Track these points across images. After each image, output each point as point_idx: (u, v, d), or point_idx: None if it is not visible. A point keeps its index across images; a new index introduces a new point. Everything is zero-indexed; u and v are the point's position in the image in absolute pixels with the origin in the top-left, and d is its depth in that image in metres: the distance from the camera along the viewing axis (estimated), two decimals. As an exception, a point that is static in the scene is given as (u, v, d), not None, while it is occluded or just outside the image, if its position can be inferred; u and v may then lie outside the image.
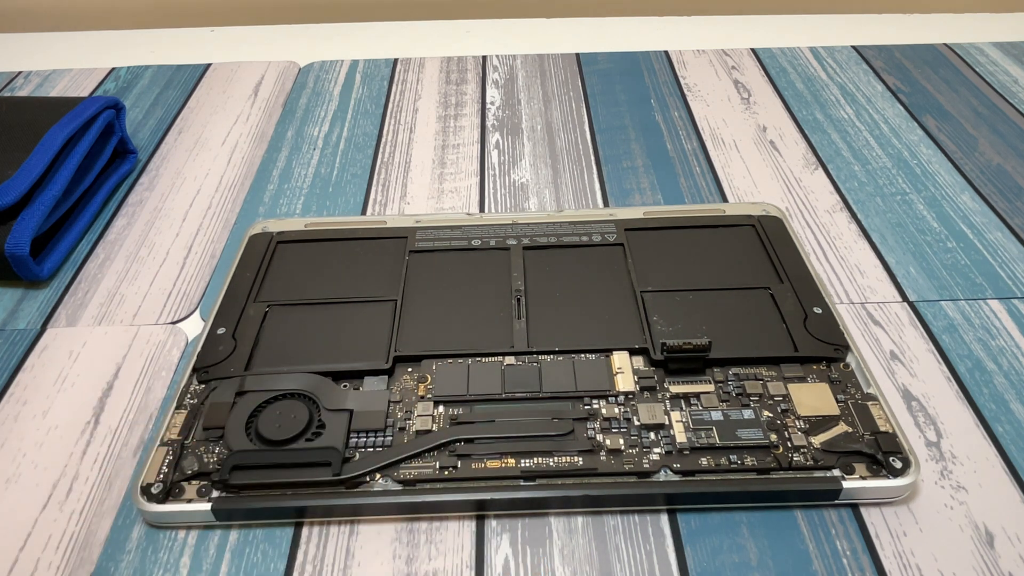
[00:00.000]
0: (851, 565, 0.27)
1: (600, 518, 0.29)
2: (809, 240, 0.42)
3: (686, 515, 0.29)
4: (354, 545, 0.28)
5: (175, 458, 0.30)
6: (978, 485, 0.30)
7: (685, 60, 0.60)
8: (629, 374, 0.33)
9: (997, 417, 0.32)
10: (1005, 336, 0.36)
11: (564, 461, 0.30)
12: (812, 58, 0.60)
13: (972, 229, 0.43)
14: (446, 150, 0.50)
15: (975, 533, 0.28)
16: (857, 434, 0.30)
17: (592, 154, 0.50)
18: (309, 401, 0.31)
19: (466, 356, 0.34)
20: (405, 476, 0.29)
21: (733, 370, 0.33)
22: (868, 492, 0.29)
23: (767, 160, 0.49)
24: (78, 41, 0.66)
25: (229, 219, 0.45)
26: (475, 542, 0.28)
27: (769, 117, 0.53)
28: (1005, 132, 0.51)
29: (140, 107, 0.56)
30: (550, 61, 0.61)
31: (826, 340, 0.34)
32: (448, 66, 0.60)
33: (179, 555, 0.28)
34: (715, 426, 0.30)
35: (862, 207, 0.45)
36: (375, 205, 0.46)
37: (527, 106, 0.55)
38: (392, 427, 0.31)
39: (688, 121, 0.53)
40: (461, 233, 0.41)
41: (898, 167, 0.48)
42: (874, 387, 0.32)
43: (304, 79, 0.59)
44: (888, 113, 0.53)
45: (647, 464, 0.29)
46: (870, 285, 0.39)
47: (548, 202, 0.46)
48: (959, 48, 0.61)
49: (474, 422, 0.31)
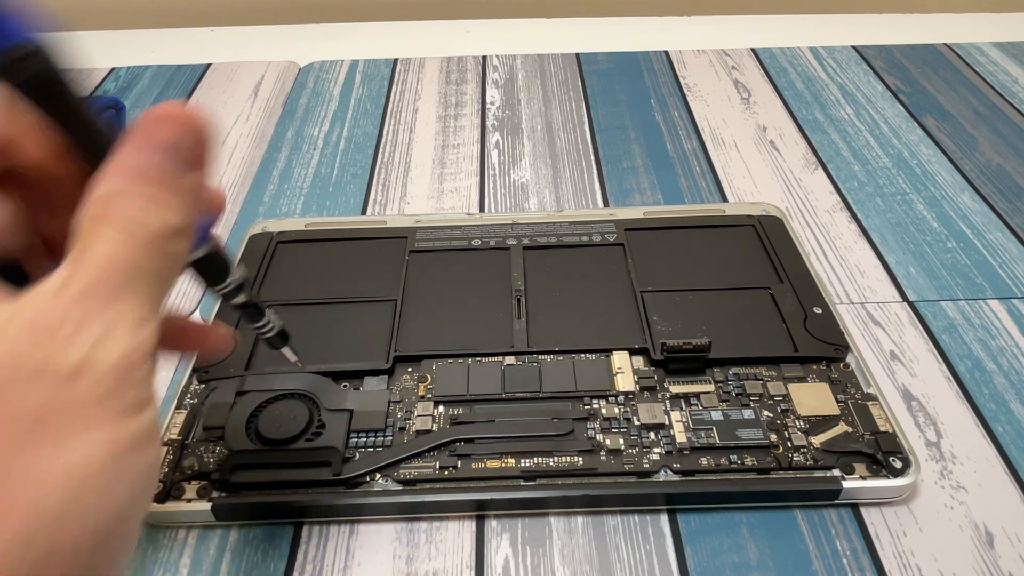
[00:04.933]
0: (851, 565, 0.27)
1: (600, 518, 0.29)
2: (809, 240, 0.42)
3: (686, 515, 0.29)
4: (354, 545, 0.28)
5: (175, 458, 0.30)
6: (978, 485, 0.30)
7: (685, 60, 0.60)
8: (629, 374, 0.33)
9: (997, 417, 0.32)
10: (1005, 336, 0.36)
11: (564, 461, 0.30)
12: (812, 58, 0.60)
13: (972, 229, 0.43)
14: (446, 150, 0.50)
15: (975, 533, 0.28)
16: (857, 434, 0.30)
17: (592, 154, 0.50)
18: (309, 401, 0.31)
19: (466, 356, 0.34)
20: (405, 476, 0.29)
21: (733, 370, 0.33)
22: (868, 492, 0.29)
23: (767, 160, 0.49)
24: (78, 41, 0.66)
25: (229, 219, 0.45)
26: (475, 542, 0.28)
27: (769, 117, 0.53)
28: (1005, 132, 0.51)
29: (140, 107, 0.56)
30: (550, 61, 0.61)
31: (826, 340, 0.34)
32: (448, 66, 0.60)
33: (179, 555, 0.28)
34: (715, 426, 0.30)
35: (862, 207, 0.45)
36: (375, 205, 0.46)
37: (527, 106, 0.55)
38: (392, 427, 0.31)
39: (688, 121, 0.53)
40: (461, 233, 0.41)
41: (898, 167, 0.48)
42: (874, 387, 0.32)
43: (304, 79, 0.59)
44: (888, 113, 0.53)
45: (647, 464, 0.29)
46: (870, 285, 0.39)
47: (548, 202, 0.46)
48: (959, 48, 0.61)
49: (474, 422, 0.31)
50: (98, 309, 0.16)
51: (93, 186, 0.17)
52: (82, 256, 0.16)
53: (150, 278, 0.17)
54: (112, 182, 0.17)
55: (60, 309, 0.15)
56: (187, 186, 0.17)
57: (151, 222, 0.17)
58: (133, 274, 0.16)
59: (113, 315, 0.16)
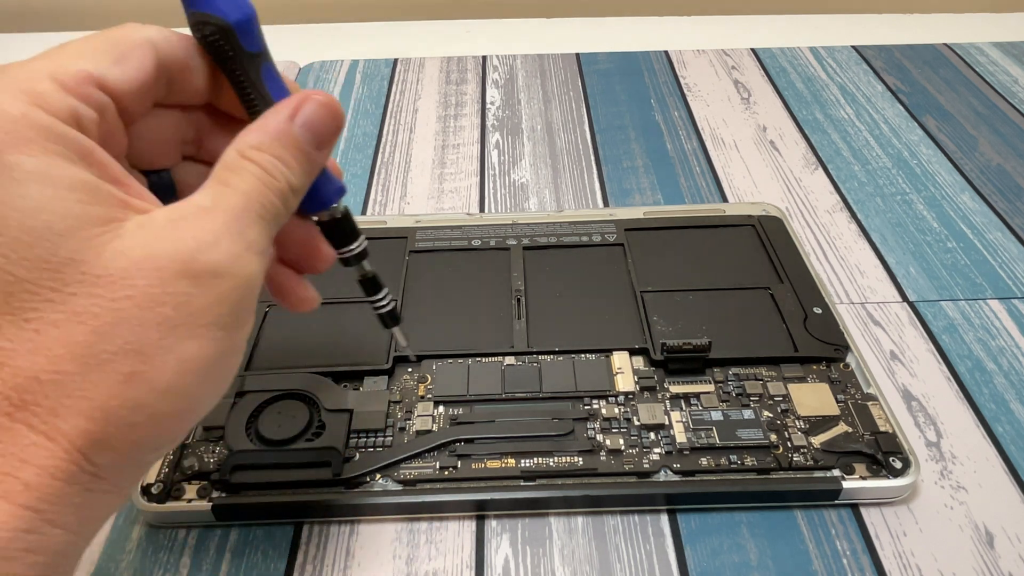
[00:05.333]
0: (851, 565, 0.27)
1: (600, 518, 0.29)
2: (809, 240, 0.42)
3: (686, 515, 0.29)
4: (354, 545, 0.28)
5: (175, 458, 0.30)
6: (978, 485, 0.30)
7: (685, 60, 0.60)
8: (629, 374, 0.33)
9: (997, 417, 0.32)
10: (1005, 336, 0.36)
11: (564, 461, 0.30)
12: (812, 58, 0.60)
13: (972, 229, 0.43)
14: (446, 150, 0.50)
15: (975, 533, 0.28)
16: (857, 434, 0.30)
17: (592, 154, 0.50)
18: (309, 401, 0.31)
19: (466, 356, 0.34)
20: (405, 476, 0.29)
21: (733, 370, 0.33)
22: (868, 492, 0.29)
23: (767, 160, 0.49)
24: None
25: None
26: (475, 542, 0.28)
27: (769, 117, 0.53)
28: (1005, 132, 0.51)
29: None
30: (550, 61, 0.61)
31: (826, 340, 0.34)
32: (448, 66, 0.60)
33: (179, 555, 0.28)
34: (715, 426, 0.30)
35: (862, 207, 0.45)
36: (375, 205, 0.46)
37: (527, 106, 0.55)
38: (392, 427, 0.31)
39: (688, 121, 0.53)
40: (461, 233, 0.41)
41: (898, 167, 0.48)
42: (874, 387, 0.32)
43: (304, 79, 0.59)
44: (888, 113, 0.53)
45: (647, 464, 0.29)
46: (870, 285, 0.39)
47: (548, 202, 0.46)
48: (959, 48, 0.61)
49: (474, 422, 0.31)
50: (239, 230, 0.19)
51: (244, 133, 0.20)
52: (227, 184, 0.19)
53: (272, 219, 0.20)
54: (260, 137, 0.20)
55: (211, 223, 0.19)
56: (313, 159, 0.21)
57: (280, 177, 0.20)
58: (263, 212, 0.20)
59: (250, 239, 0.19)
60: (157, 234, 0.18)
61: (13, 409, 0.16)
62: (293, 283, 0.24)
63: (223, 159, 0.20)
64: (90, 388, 0.17)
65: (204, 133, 0.24)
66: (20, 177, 0.17)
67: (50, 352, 0.17)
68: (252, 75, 0.21)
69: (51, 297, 0.17)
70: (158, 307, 0.17)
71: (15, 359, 0.16)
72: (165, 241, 0.18)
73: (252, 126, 0.21)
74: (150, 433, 0.18)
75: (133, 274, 0.17)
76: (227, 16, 0.20)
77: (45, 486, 0.16)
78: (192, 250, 0.18)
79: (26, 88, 0.17)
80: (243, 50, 0.21)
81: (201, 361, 0.18)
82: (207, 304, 0.18)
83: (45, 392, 0.17)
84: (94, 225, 0.17)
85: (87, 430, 0.17)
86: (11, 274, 0.16)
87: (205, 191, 0.19)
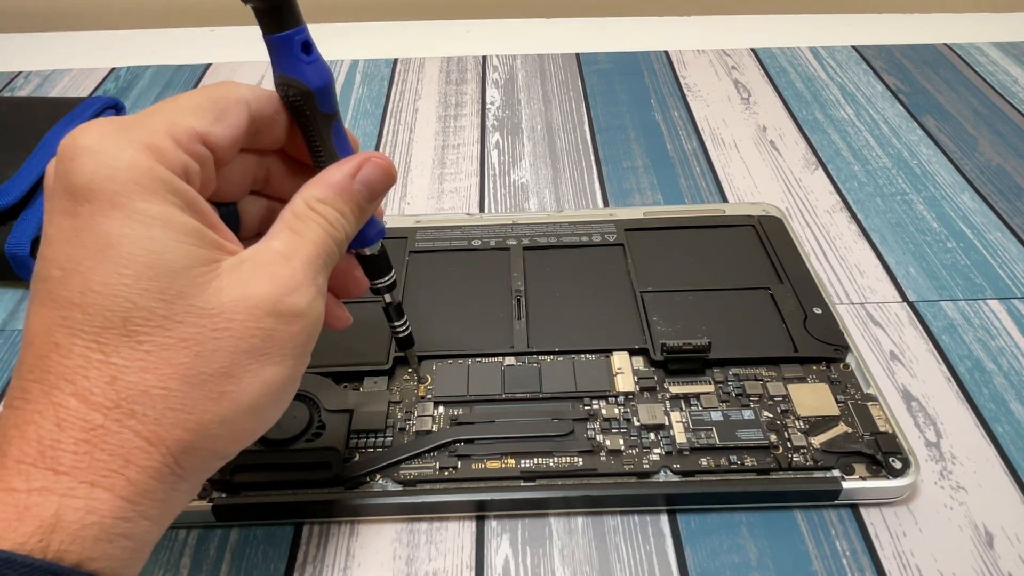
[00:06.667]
0: (851, 565, 0.27)
1: (600, 518, 0.29)
2: (809, 240, 0.42)
3: (686, 515, 0.29)
4: (354, 545, 0.28)
5: (175, 458, 0.30)
6: (978, 485, 0.30)
7: (685, 60, 0.60)
8: (629, 374, 0.33)
9: (997, 417, 0.32)
10: (1005, 336, 0.36)
11: (564, 461, 0.30)
12: (812, 58, 0.60)
13: (972, 229, 0.43)
14: (446, 150, 0.50)
15: (975, 533, 0.28)
16: (857, 434, 0.30)
17: (592, 154, 0.50)
18: (309, 401, 0.31)
19: (466, 356, 0.34)
20: (405, 476, 0.29)
21: (733, 370, 0.33)
22: (868, 492, 0.29)
23: (767, 160, 0.49)
24: (78, 41, 0.66)
25: (229, 219, 0.45)
26: (475, 542, 0.29)
27: (769, 117, 0.53)
28: (1005, 132, 0.51)
29: (140, 107, 0.56)
30: (550, 61, 0.61)
31: (826, 340, 0.34)
32: (448, 66, 0.60)
33: (179, 555, 0.28)
34: (715, 426, 0.31)
35: (862, 207, 0.45)
36: (375, 205, 0.46)
37: (527, 106, 0.55)
38: (392, 427, 0.31)
39: (688, 121, 0.53)
40: (461, 233, 0.41)
41: (898, 167, 0.48)
42: (874, 387, 0.32)
43: (304, 79, 0.59)
44: (888, 113, 0.53)
45: (647, 464, 0.29)
46: (870, 285, 0.39)
47: (548, 202, 0.46)
48: (959, 48, 0.61)
49: (474, 422, 0.31)
50: (313, 276, 0.22)
51: (311, 185, 0.23)
52: (299, 233, 0.22)
53: (329, 264, 0.23)
54: (325, 192, 0.23)
55: (291, 270, 0.22)
56: (366, 211, 0.25)
57: (340, 228, 0.24)
58: (328, 260, 0.23)
59: (319, 284, 0.23)
60: (250, 277, 0.21)
61: (123, 416, 0.19)
62: (331, 305, 0.27)
63: (293, 207, 0.23)
64: (189, 403, 0.20)
65: (272, 173, 0.26)
66: (147, 222, 0.20)
67: (158, 371, 0.19)
68: (324, 132, 0.24)
69: (162, 324, 0.20)
70: (250, 338, 0.21)
71: (127, 375, 0.19)
72: (256, 284, 0.21)
73: (318, 179, 0.24)
74: (228, 444, 0.21)
75: (231, 309, 0.20)
76: (311, 83, 0.23)
77: (143, 483, 0.19)
78: (281, 293, 0.21)
79: (149, 143, 0.20)
80: (319, 111, 0.24)
81: (277, 384, 0.21)
82: (287, 337, 0.21)
83: (152, 404, 0.19)
84: (200, 265, 0.20)
85: (182, 439, 0.20)
86: (131, 302, 0.19)
87: (280, 238, 0.22)
